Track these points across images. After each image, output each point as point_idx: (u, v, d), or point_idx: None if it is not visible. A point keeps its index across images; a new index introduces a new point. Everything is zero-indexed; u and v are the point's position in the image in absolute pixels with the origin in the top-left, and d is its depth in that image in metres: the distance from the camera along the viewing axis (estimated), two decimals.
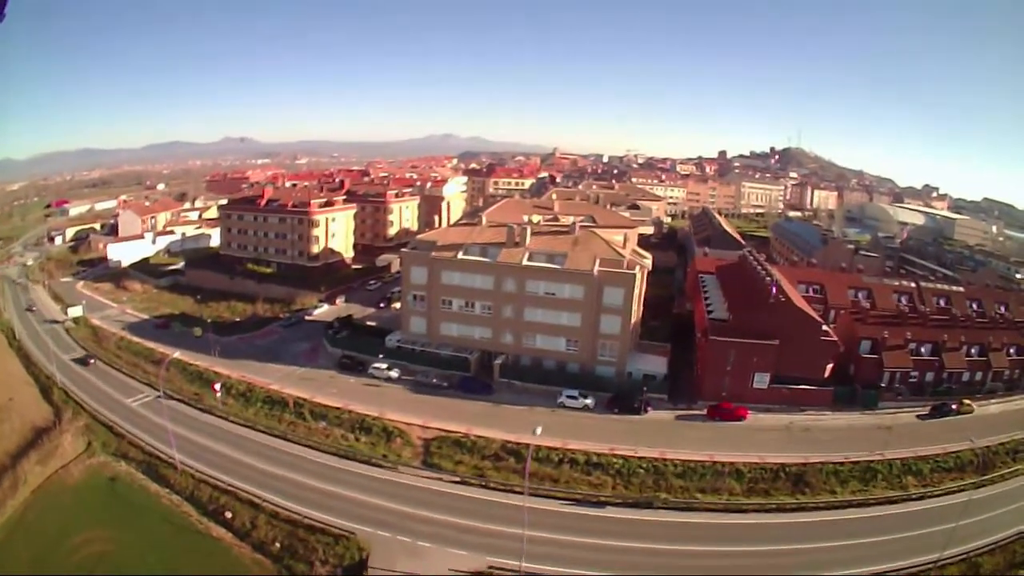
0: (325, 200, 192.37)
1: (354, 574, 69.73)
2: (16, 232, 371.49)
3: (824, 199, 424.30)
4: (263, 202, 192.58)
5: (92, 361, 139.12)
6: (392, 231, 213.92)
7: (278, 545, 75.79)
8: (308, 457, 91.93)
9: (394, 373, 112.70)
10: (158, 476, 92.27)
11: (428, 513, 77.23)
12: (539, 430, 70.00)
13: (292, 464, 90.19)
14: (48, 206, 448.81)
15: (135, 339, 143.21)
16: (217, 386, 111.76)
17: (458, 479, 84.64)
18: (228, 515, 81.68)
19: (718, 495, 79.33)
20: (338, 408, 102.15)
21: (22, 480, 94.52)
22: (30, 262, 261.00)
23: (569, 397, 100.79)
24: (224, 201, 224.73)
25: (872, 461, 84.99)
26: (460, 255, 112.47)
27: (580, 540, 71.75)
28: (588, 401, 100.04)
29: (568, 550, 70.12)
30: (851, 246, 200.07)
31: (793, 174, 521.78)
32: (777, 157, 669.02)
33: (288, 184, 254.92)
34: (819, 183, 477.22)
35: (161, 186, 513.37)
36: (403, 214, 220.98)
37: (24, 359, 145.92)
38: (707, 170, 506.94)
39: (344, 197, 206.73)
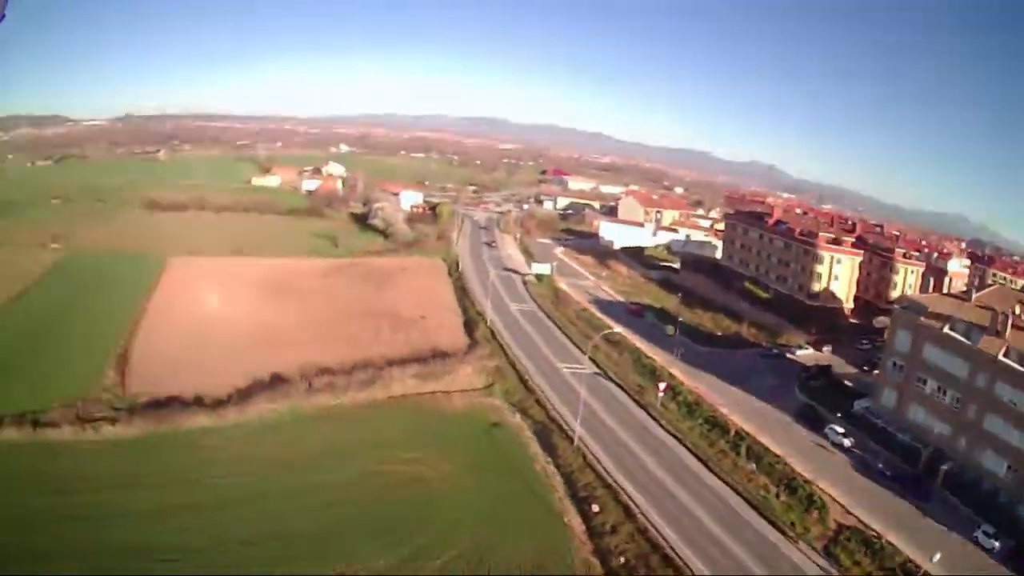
0: (833, 237, 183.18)
1: None
2: (497, 184, 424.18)
3: None
4: (771, 222, 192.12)
5: (494, 243, 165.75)
6: (893, 293, 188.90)
7: (622, 560, 72.11)
8: (716, 490, 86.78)
9: (847, 442, 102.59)
10: (547, 443, 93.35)
11: None
12: (937, 557, 60.81)
13: (696, 492, 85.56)
14: (544, 172, 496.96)
15: (598, 314, 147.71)
16: (662, 386, 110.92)
17: None
18: (595, 508, 79.44)
19: None
20: (777, 456, 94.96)
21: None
22: (506, 212, 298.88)
23: (985, 534, 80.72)
24: (731, 211, 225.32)
25: None
26: (945, 329, 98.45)
27: None
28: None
29: None
30: None
31: None
32: None
33: (798, 212, 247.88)
34: None
35: (679, 189, 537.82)
36: (907, 278, 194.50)
37: (459, 291, 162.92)
38: None
39: (853, 240, 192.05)
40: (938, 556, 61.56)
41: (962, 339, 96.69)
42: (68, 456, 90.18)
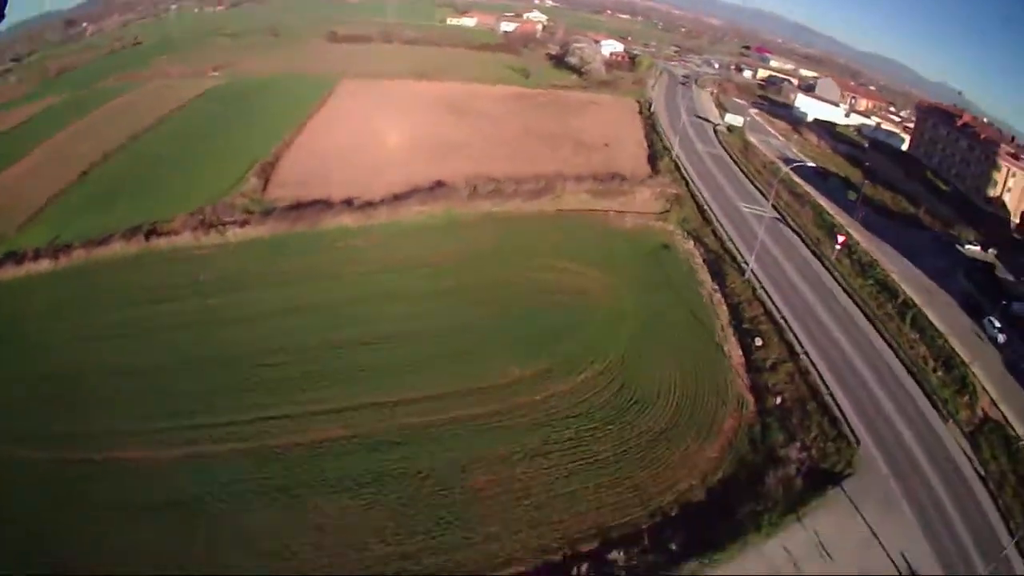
0: (1013, 152, 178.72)
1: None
2: (700, 50, 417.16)
3: None
4: (960, 123, 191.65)
5: (688, 84, 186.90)
6: None
7: (779, 401, 68.28)
8: (879, 350, 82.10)
9: (1001, 337, 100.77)
10: (718, 272, 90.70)
11: None
12: None
13: (860, 347, 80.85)
14: (747, 47, 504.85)
15: (784, 167, 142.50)
16: (840, 239, 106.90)
17: None
18: (757, 342, 77.03)
19: None
20: (939, 331, 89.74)
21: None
22: (702, 70, 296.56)
23: None
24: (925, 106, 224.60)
25: None
26: None
27: None
28: None
29: None
30: None
31: None
32: None
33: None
34: None
35: (872, 87, 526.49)
36: None
37: (649, 128, 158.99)
38: None
39: None
40: None
41: None
42: (179, 263, 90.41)
